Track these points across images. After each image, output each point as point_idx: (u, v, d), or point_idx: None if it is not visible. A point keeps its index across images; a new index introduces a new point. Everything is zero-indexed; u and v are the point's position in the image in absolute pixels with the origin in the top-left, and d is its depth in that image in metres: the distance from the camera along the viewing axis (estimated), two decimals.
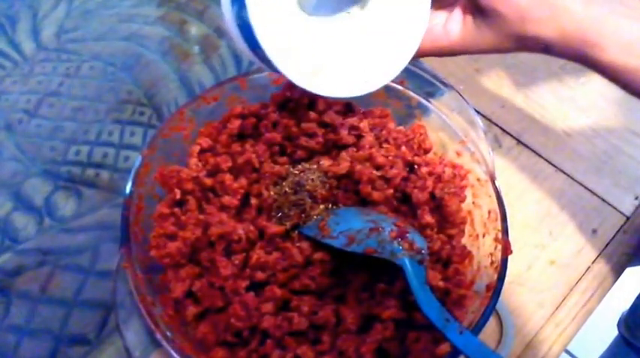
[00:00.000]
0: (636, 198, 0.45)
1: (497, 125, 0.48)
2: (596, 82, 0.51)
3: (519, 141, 0.48)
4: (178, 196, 0.37)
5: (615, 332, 0.58)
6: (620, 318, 0.56)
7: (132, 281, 0.33)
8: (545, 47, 0.30)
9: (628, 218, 0.44)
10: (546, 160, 0.47)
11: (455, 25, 0.32)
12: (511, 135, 0.48)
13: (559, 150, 0.47)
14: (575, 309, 0.40)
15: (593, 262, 0.42)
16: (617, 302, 0.48)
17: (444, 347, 0.32)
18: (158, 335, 0.31)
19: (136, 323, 0.33)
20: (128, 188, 0.36)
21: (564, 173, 0.46)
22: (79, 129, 0.46)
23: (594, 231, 0.43)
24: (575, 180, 0.46)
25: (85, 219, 0.42)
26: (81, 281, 0.39)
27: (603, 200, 0.45)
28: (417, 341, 0.33)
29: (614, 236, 0.43)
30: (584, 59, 0.30)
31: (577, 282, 0.41)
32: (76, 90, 0.49)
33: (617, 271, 0.42)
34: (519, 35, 0.30)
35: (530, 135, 0.48)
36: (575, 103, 0.50)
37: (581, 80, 0.51)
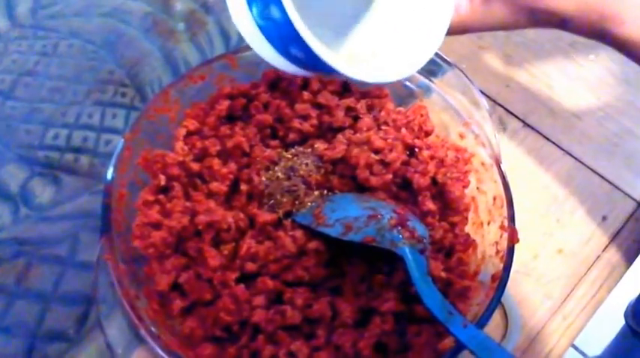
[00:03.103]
0: None
1: (501, 106, 0.47)
2: (606, 59, 0.50)
3: (525, 123, 0.46)
4: (163, 182, 0.36)
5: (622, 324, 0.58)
6: (627, 307, 0.55)
7: (114, 274, 0.32)
8: (560, 22, 0.29)
9: None
10: (554, 143, 0.45)
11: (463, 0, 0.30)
12: (517, 117, 0.46)
13: (567, 132, 0.46)
14: (584, 300, 0.39)
15: (602, 251, 0.41)
16: (625, 293, 0.47)
17: (447, 342, 0.31)
18: (142, 331, 0.30)
19: (118, 318, 0.32)
20: (109, 174, 0.34)
21: (573, 156, 0.45)
22: (57, 112, 0.45)
23: (604, 218, 0.42)
24: (584, 164, 0.45)
25: (64, 207, 0.41)
26: (59, 274, 0.38)
27: (614, 185, 0.44)
28: (418, 336, 0.32)
29: (625, 223, 0.42)
30: (600, 34, 0.28)
31: (586, 272, 0.40)
32: (54, 69, 0.47)
33: (629, 260, 0.41)
34: (533, 8, 0.28)
35: (537, 117, 0.46)
36: (584, 82, 0.48)
37: (591, 57, 0.50)
